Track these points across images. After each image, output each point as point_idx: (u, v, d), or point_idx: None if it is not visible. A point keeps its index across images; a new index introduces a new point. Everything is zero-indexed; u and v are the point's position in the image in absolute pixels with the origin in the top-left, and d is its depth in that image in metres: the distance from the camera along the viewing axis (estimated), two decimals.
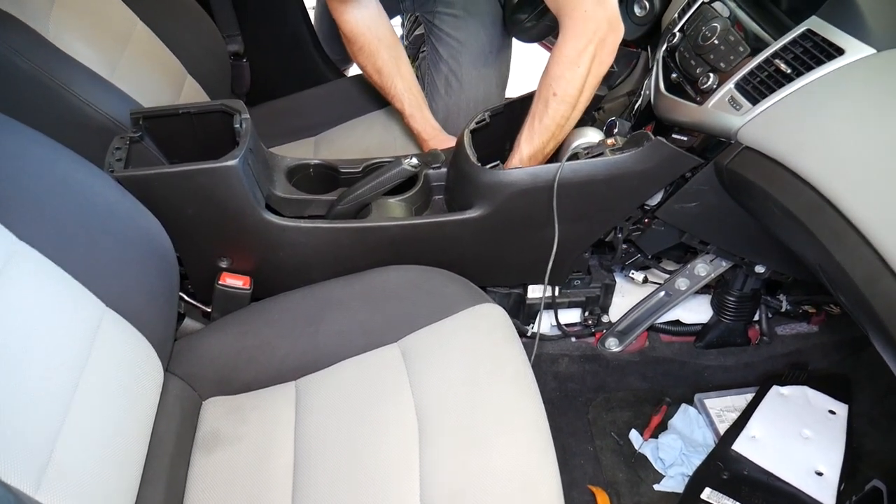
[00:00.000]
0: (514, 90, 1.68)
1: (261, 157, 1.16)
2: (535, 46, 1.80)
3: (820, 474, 1.31)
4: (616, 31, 1.11)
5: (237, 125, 1.11)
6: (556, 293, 1.39)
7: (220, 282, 1.16)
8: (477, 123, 1.25)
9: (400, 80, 1.49)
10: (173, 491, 0.92)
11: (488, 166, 1.16)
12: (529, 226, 1.20)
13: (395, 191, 1.22)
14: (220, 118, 1.16)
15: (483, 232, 1.19)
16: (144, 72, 1.42)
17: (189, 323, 1.19)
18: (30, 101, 1.12)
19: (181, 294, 1.18)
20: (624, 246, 1.32)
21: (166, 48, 1.50)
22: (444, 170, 1.28)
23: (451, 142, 1.35)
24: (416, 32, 1.92)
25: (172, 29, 1.52)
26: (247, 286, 1.17)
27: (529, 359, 1.04)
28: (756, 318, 1.53)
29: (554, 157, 1.22)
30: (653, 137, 1.12)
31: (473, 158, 1.17)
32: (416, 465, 0.90)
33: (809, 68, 0.94)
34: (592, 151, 1.16)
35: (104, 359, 0.86)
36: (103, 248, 0.93)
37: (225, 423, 1.02)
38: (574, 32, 1.10)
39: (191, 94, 1.55)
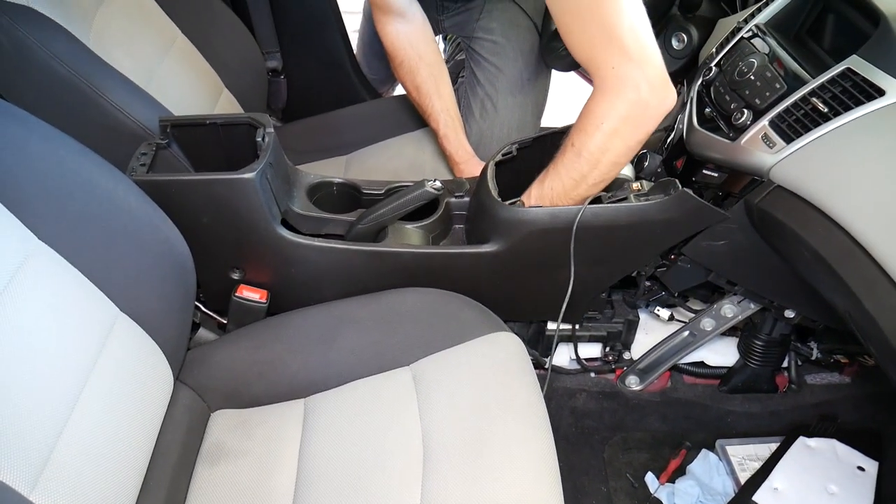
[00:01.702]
0: (551, 121, 1.68)
1: (281, 172, 1.17)
2: (575, 78, 1.80)
3: None
4: (660, 95, 1.00)
5: (259, 139, 1.12)
6: (577, 327, 1.37)
7: (236, 294, 1.16)
8: (503, 156, 1.23)
9: (438, 99, 1.49)
10: (173, 501, 0.92)
11: (508, 203, 1.14)
12: (546, 265, 1.17)
13: (415, 216, 1.21)
14: (247, 131, 1.16)
15: (498, 267, 1.17)
16: (181, 83, 1.44)
17: (203, 333, 1.20)
18: (64, 104, 1.14)
19: (197, 304, 1.18)
20: (648, 283, 1.29)
21: (205, 61, 1.53)
22: (466, 199, 1.26)
23: (482, 167, 1.35)
24: (458, 57, 1.93)
25: (213, 42, 1.55)
26: (263, 300, 1.16)
27: (543, 391, 1.02)
28: (784, 364, 1.48)
29: None
30: (679, 187, 1.08)
31: (494, 193, 1.15)
32: (418, 493, 0.88)
33: (847, 108, 0.91)
34: (616, 196, 1.13)
35: (113, 363, 0.86)
36: (121, 252, 0.93)
37: (231, 437, 1.01)
38: (602, 89, 1.02)
39: (226, 107, 1.57)
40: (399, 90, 1.95)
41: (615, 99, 1.01)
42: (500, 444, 0.92)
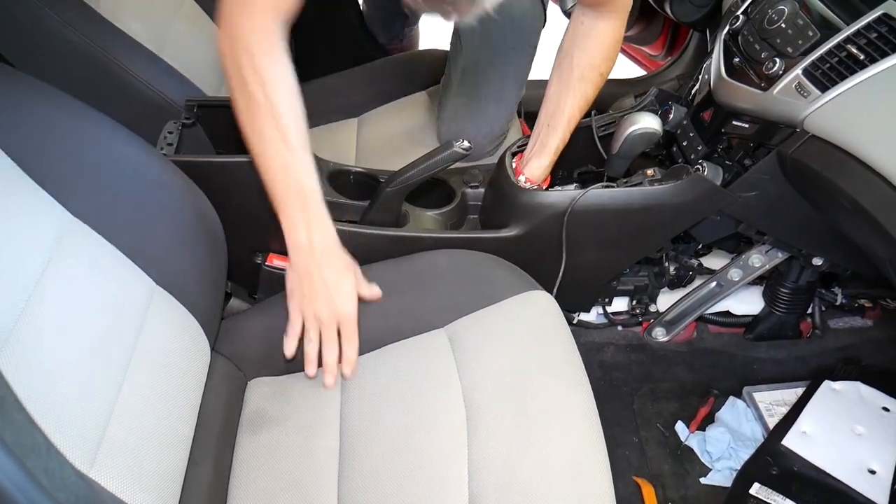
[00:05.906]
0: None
1: None
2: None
3: (873, 472, 1.27)
4: None
5: None
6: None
7: (266, 263, 1.16)
8: (519, 147, 1.26)
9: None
10: (220, 471, 0.92)
11: (528, 187, 1.18)
12: (563, 249, 1.20)
13: (432, 205, 1.25)
14: None
15: (516, 251, 1.19)
16: (192, 47, 1.42)
17: (235, 303, 1.20)
18: (80, 74, 1.13)
19: None
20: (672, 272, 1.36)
21: (213, 23, 1.50)
22: (481, 190, 1.30)
23: None
24: None
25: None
26: None
27: None
28: (809, 310, 1.49)
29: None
30: (691, 171, 1.14)
31: (513, 178, 1.19)
32: (465, 453, 0.89)
33: (884, 54, 0.90)
34: (631, 181, 1.19)
35: (154, 337, 0.86)
36: (154, 225, 0.93)
37: (270, 404, 1.01)
38: (618, 14, 1.10)
39: None
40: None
41: (624, 19, 1.12)
42: (542, 402, 0.92)
